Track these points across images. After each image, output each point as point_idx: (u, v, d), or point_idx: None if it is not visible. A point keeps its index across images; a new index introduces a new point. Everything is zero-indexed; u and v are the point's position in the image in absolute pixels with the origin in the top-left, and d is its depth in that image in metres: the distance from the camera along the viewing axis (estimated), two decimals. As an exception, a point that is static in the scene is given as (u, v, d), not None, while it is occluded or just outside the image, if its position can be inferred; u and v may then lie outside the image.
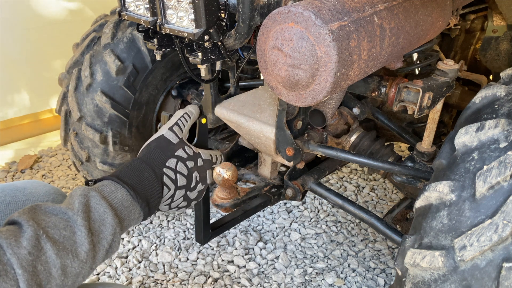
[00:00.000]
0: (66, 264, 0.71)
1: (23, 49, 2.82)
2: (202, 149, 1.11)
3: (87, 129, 1.75)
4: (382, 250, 2.01)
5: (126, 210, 0.85)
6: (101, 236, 0.77)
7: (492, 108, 0.91)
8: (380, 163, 1.29)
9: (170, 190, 0.97)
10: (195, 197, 1.06)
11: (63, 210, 0.76)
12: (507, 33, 1.69)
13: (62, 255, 0.70)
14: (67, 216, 0.75)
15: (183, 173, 1.00)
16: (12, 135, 2.94)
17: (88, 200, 0.79)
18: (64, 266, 0.70)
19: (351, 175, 2.59)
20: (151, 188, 0.92)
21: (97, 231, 0.77)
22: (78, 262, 0.73)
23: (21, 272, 0.64)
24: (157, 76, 1.80)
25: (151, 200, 0.91)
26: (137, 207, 0.87)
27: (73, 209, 0.76)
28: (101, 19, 1.88)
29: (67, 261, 0.71)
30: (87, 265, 0.74)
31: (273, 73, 0.93)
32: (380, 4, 0.96)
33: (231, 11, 1.09)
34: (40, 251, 0.68)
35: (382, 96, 1.26)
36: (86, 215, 0.76)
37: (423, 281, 0.82)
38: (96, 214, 0.78)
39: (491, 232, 0.73)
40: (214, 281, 1.83)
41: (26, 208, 0.73)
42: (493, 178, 0.77)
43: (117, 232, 0.81)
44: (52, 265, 0.69)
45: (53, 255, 0.69)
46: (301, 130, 1.42)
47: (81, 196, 0.79)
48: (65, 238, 0.72)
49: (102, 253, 0.78)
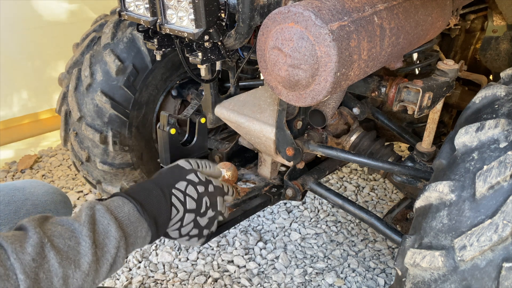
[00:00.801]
0: (68, 275, 0.70)
1: (23, 49, 2.82)
2: (214, 178, 1.08)
3: (87, 129, 1.75)
4: (382, 250, 2.01)
5: (132, 225, 0.83)
6: (105, 249, 0.77)
7: (492, 108, 0.91)
8: (380, 163, 1.29)
9: (179, 212, 0.95)
10: (206, 224, 1.02)
11: (70, 221, 0.76)
12: (507, 33, 1.69)
13: (65, 265, 0.70)
14: (73, 227, 0.76)
15: (192, 196, 0.98)
16: (12, 135, 2.94)
17: (94, 213, 0.79)
18: (66, 277, 0.70)
19: (351, 175, 2.59)
20: (159, 206, 0.90)
21: (101, 244, 0.76)
22: (80, 273, 0.72)
23: (23, 278, 0.64)
24: (157, 76, 1.80)
25: (159, 219, 0.90)
26: (144, 224, 0.86)
27: (80, 221, 0.77)
28: (101, 19, 1.88)
29: (69, 271, 0.70)
30: (89, 277, 0.73)
31: (273, 73, 0.93)
32: (380, 4, 0.96)
33: (231, 11, 1.09)
34: (44, 259, 0.68)
35: (382, 96, 1.26)
36: (92, 227, 0.76)
37: (423, 281, 0.82)
38: (101, 227, 0.78)
39: (491, 232, 0.73)
40: (214, 281, 1.83)
41: (36, 216, 0.74)
42: (493, 178, 0.77)
43: (121, 246, 0.79)
44: (54, 274, 0.69)
45: (55, 264, 0.69)
46: (301, 130, 1.42)
47: (88, 209, 0.79)
48: (69, 247, 0.72)
49: (105, 268, 0.77)
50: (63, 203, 1.18)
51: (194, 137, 1.25)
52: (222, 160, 1.63)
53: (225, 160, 1.63)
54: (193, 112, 1.54)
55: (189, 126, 1.32)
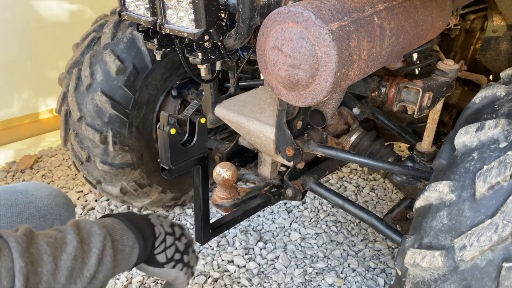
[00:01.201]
0: (55, 255, 0.73)
1: (23, 49, 2.82)
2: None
3: (87, 129, 1.75)
4: (382, 250, 2.01)
5: (118, 232, 0.87)
6: (91, 245, 0.79)
7: (492, 108, 0.91)
8: (380, 163, 1.29)
9: (161, 233, 0.98)
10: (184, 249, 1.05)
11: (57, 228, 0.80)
12: (507, 33, 1.69)
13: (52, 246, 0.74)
14: (60, 229, 0.80)
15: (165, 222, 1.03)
16: (12, 135, 2.94)
17: (77, 222, 0.83)
18: (54, 256, 0.73)
19: (351, 175, 2.59)
20: (142, 223, 0.94)
21: (86, 240, 0.79)
22: (66, 255, 0.74)
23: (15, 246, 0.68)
24: (157, 76, 1.80)
25: (145, 233, 0.93)
26: (130, 233, 0.89)
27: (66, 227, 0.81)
28: (101, 19, 1.88)
29: (56, 252, 0.73)
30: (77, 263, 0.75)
31: (273, 73, 0.93)
32: (380, 4, 0.96)
33: (231, 11, 1.09)
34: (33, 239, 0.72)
35: (382, 96, 1.26)
36: (76, 229, 0.80)
37: (423, 281, 0.82)
38: (85, 229, 0.82)
39: (491, 232, 0.73)
40: (214, 281, 1.83)
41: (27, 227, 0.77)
42: (493, 178, 0.77)
43: (107, 245, 0.82)
44: (43, 252, 0.72)
45: (43, 244, 0.72)
46: (301, 130, 1.42)
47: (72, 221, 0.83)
48: (56, 238, 0.76)
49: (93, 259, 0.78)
50: (66, 205, 1.19)
51: (194, 137, 1.25)
52: (222, 160, 1.63)
53: (225, 160, 1.63)
54: (193, 112, 1.54)
55: (189, 126, 1.32)
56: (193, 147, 1.30)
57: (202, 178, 1.36)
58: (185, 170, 1.32)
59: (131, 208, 2.28)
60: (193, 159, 1.32)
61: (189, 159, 1.31)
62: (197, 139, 1.20)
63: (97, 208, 2.29)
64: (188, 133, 1.32)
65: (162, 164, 1.31)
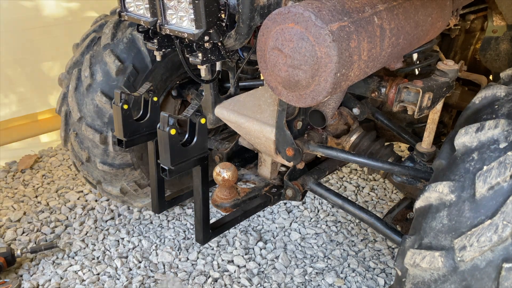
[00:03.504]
0: None
1: (23, 49, 2.82)
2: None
3: (87, 129, 1.75)
4: (382, 250, 2.01)
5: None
6: None
7: (492, 109, 0.91)
8: (380, 163, 1.29)
9: None
10: None
11: None
12: (507, 33, 1.69)
13: None
14: None
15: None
16: (12, 135, 2.94)
17: None
18: None
19: (351, 175, 2.59)
20: None
21: None
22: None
23: None
24: (157, 76, 1.80)
25: None
26: None
27: None
28: (101, 20, 1.88)
29: None
30: None
31: (273, 73, 0.93)
32: (380, 5, 0.96)
33: (231, 12, 1.09)
34: None
35: (382, 97, 1.26)
36: None
37: (423, 281, 0.82)
38: None
39: (491, 232, 0.73)
40: (214, 281, 1.83)
41: None
42: (493, 178, 0.77)
43: None
44: None
45: None
46: (301, 131, 1.42)
47: None
48: None
49: None
50: None
51: (194, 138, 1.25)
52: (222, 160, 1.63)
53: (225, 160, 1.63)
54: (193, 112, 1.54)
55: (189, 126, 1.32)
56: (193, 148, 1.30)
57: (202, 178, 1.37)
58: (185, 170, 1.32)
59: (131, 208, 2.28)
60: (193, 160, 1.32)
61: (189, 159, 1.31)
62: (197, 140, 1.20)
63: (97, 208, 2.29)
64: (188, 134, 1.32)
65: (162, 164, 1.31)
